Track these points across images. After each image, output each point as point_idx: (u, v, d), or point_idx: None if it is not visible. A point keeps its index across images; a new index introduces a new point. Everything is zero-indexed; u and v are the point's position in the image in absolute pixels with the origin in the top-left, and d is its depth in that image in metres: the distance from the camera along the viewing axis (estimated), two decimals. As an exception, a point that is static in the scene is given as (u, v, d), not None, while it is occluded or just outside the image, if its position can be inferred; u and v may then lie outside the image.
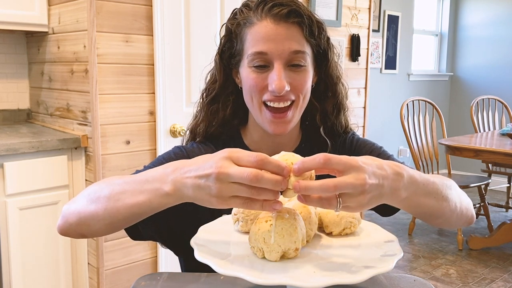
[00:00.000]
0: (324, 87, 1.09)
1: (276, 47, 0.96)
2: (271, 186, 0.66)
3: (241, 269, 0.67)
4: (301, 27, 0.98)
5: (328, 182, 0.65)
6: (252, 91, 1.00)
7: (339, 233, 0.83)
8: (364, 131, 3.45)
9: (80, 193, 0.88)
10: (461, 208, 0.93)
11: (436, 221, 0.90)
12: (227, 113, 1.08)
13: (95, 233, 0.85)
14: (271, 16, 0.97)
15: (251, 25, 0.99)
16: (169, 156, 1.04)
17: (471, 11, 5.65)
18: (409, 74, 5.25)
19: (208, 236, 0.80)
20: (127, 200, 0.78)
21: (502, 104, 4.58)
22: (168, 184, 0.73)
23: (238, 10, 1.04)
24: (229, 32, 1.04)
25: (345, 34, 3.26)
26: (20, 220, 2.04)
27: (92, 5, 2.03)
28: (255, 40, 0.97)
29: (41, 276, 2.14)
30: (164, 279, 0.88)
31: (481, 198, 3.94)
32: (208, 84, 1.10)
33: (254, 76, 0.99)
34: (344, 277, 0.66)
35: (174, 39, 2.29)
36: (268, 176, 0.66)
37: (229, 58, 1.05)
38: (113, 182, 0.83)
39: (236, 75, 1.07)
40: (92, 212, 0.82)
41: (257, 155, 0.67)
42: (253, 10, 1.00)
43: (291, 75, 0.98)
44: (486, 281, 3.08)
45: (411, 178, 0.76)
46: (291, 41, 0.97)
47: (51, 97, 2.44)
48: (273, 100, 0.99)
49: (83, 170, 2.21)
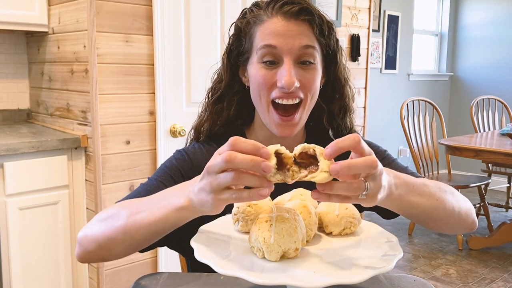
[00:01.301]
0: (332, 89, 1.09)
1: (286, 42, 0.95)
2: (246, 165, 0.64)
3: (241, 269, 0.67)
4: (312, 25, 0.98)
5: (371, 157, 0.66)
6: (260, 88, 0.98)
7: (339, 233, 0.83)
8: (364, 131, 3.45)
9: (93, 218, 0.87)
10: (460, 212, 0.92)
11: (435, 225, 0.90)
12: (231, 113, 1.07)
13: (116, 256, 0.85)
14: (282, 14, 0.96)
15: (261, 23, 0.98)
16: (171, 164, 1.03)
17: (471, 11, 5.65)
18: (409, 74, 5.25)
19: (208, 236, 0.80)
20: (144, 219, 0.79)
21: (502, 104, 4.58)
22: (182, 198, 0.74)
23: (247, 10, 1.03)
24: (238, 30, 1.03)
25: (345, 34, 3.26)
26: (20, 220, 2.04)
27: (92, 5, 2.03)
28: (265, 35, 0.97)
29: (41, 276, 2.14)
30: (164, 279, 0.88)
31: (481, 198, 3.94)
32: (214, 83, 1.09)
33: (263, 73, 0.97)
34: (344, 277, 0.66)
35: (174, 39, 2.29)
36: (241, 155, 0.65)
37: (237, 57, 1.05)
38: (126, 204, 0.84)
39: (243, 74, 1.06)
40: (111, 236, 0.82)
41: (231, 139, 0.67)
42: (263, 9, 0.99)
43: (301, 72, 0.97)
44: (486, 281, 3.08)
45: (400, 178, 0.79)
46: (301, 36, 0.96)
47: (51, 97, 2.44)
48: (282, 97, 0.97)
49: (83, 170, 2.21)
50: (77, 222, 2.23)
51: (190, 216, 0.76)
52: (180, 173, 1.02)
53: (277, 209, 0.75)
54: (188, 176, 0.99)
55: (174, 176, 1.01)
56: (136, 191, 0.98)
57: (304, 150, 0.69)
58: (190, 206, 0.73)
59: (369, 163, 0.65)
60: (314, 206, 0.84)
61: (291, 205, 0.80)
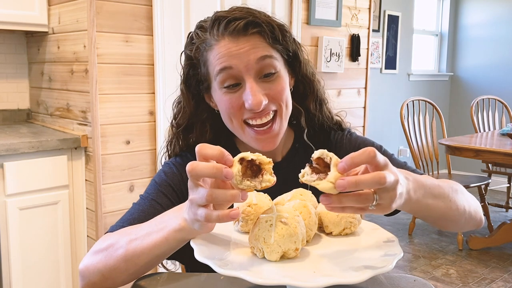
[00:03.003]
0: (302, 88, 1.06)
1: (241, 60, 0.91)
2: (208, 172, 0.66)
3: (241, 269, 0.67)
4: (263, 36, 0.93)
5: (379, 174, 0.65)
6: (229, 113, 0.95)
7: (339, 233, 0.83)
8: (364, 131, 3.45)
9: (92, 248, 0.87)
10: (470, 211, 0.92)
11: (446, 225, 0.90)
12: (207, 139, 1.03)
13: (121, 284, 0.85)
14: (228, 34, 0.91)
15: (210, 48, 0.93)
16: (161, 179, 1.00)
17: (471, 11, 5.65)
18: (409, 74, 5.25)
19: (208, 236, 0.79)
20: (145, 245, 0.79)
21: (502, 104, 4.58)
22: (179, 219, 0.75)
23: (193, 34, 0.99)
24: (190, 58, 0.99)
25: (345, 34, 3.26)
26: (20, 220, 2.04)
27: (92, 5, 2.03)
28: (217, 59, 0.92)
29: (41, 276, 2.14)
30: (164, 279, 0.88)
31: (481, 198, 3.94)
32: (178, 114, 1.04)
33: (228, 98, 0.93)
34: (344, 277, 0.66)
35: (174, 39, 2.29)
36: (202, 164, 0.66)
37: (197, 85, 1.00)
38: (124, 232, 0.84)
39: (210, 99, 1.02)
40: (114, 266, 0.81)
41: (197, 146, 0.68)
42: (208, 32, 0.94)
43: (266, 86, 0.93)
44: (486, 281, 3.08)
45: (418, 182, 0.77)
46: (255, 50, 0.91)
47: (51, 97, 2.44)
48: (254, 118, 0.94)
49: (83, 170, 2.21)
50: (77, 222, 2.23)
51: (188, 237, 0.76)
52: (171, 187, 0.99)
53: (277, 209, 0.75)
54: (180, 190, 0.99)
55: (165, 191, 0.99)
56: (129, 212, 0.96)
57: (322, 156, 0.69)
58: (186, 226, 0.74)
59: (376, 180, 0.64)
60: (314, 206, 0.84)
61: (291, 205, 0.80)
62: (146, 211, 0.92)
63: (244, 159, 0.70)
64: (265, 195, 0.85)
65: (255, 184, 0.69)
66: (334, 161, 0.67)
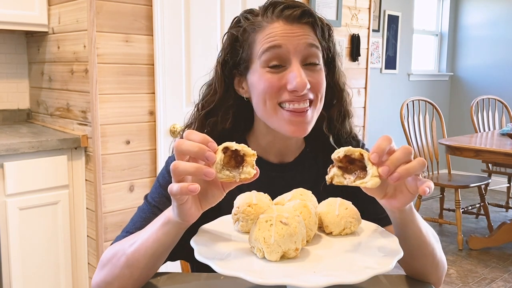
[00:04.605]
0: (330, 94, 1.05)
1: (291, 41, 0.91)
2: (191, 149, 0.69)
3: (241, 269, 0.67)
4: (314, 28, 0.95)
5: (421, 158, 0.71)
6: (266, 93, 0.93)
7: (339, 233, 0.83)
8: (364, 131, 3.45)
9: (99, 263, 0.89)
10: (438, 263, 0.90)
11: (418, 262, 0.88)
12: (227, 126, 1.02)
13: None
14: (283, 18, 0.93)
15: (261, 29, 0.94)
16: (165, 181, 0.98)
17: (471, 11, 5.65)
18: (409, 74, 5.25)
19: (208, 236, 0.80)
20: (140, 246, 0.81)
21: (502, 104, 4.58)
22: (163, 216, 0.79)
23: (241, 17, 0.98)
24: (234, 40, 0.98)
25: (345, 34, 3.26)
26: (20, 220, 2.04)
27: (92, 5, 2.03)
28: (268, 38, 0.92)
29: (41, 276, 2.14)
30: (164, 279, 0.88)
31: (481, 198, 3.94)
32: (206, 96, 1.03)
33: (269, 77, 0.92)
34: (344, 277, 0.66)
35: (174, 39, 2.29)
36: (188, 141, 0.69)
37: (232, 68, 0.99)
38: (126, 240, 0.86)
39: (240, 86, 1.01)
40: (119, 274, 0.84)
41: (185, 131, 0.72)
42: (261, 15, 0.95)
43: (309, 73, 0.93)
44: (486, 281, 3.08)
45: (411, 208, 0.82)
46: (306, 36, 0.93)
47: (51, 97, 2.44)
48: (292, 101, 0.92)
49: (83, 170, 2.21)
50: (77, 222, 2.23)
51: (174, 230, 0.78)
52: None
53: (277, 209, 0.75)
54: None
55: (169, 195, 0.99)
56: (132, 221, 0.97)
57: (349, 153, 0.68)
58: (170, 218, 0.77)
59: (422, 163, 0.70)
60: (314, 206, 0.84)
61: (291, 205, 0.80)
62: (148, 220, 0.92)
63: (228, 148, 0.69)
64: (265, 195, 0.85)
65: (234, 174, 0.69)
66: (367, 156, 0.67)
